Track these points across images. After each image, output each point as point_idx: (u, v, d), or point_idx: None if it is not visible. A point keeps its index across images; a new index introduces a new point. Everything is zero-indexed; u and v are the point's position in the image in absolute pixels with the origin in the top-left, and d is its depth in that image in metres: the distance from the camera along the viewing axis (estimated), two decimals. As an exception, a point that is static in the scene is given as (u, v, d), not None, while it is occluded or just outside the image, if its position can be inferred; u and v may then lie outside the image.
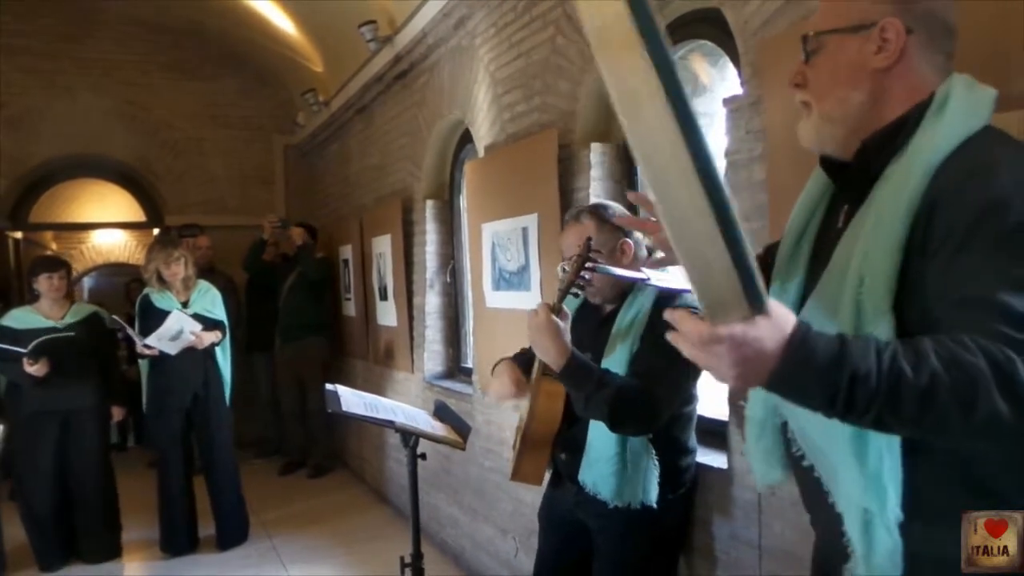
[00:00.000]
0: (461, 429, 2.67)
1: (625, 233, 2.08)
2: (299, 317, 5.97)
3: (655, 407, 1.93)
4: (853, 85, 1.15)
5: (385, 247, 5.04)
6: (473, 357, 4.06)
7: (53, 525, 4.19)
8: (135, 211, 7.49)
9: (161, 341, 4.12)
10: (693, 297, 2.02)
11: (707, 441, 2.29)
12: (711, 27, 2.39)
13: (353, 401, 2.51)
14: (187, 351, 4.20)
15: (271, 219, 6.23)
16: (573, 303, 2.11)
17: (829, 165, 1.25)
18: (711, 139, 0.86)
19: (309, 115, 6.52)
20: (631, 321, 2.04)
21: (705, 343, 0.90)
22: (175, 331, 4.11)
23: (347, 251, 5.89)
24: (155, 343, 4.12)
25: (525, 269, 3.23)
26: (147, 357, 4.24)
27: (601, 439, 2.02)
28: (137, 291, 7.42)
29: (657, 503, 2.02)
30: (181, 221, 6.68)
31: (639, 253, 2.09)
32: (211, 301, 4.40)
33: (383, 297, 5.17)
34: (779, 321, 0.91)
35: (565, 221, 2.17)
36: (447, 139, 4.43)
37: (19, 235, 6.94)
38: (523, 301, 3.24)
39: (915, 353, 0.91)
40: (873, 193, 1.12)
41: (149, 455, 6.53)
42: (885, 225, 1.05)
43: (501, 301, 3.48)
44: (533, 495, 2.84)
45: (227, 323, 4.47)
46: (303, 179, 7.27)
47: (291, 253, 6.12)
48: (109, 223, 8.61)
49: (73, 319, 4.18)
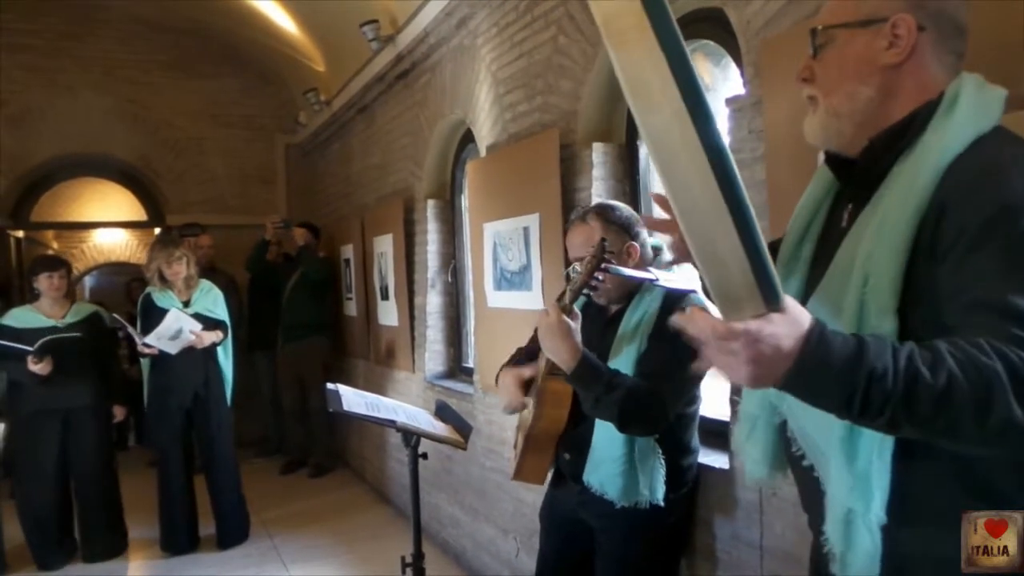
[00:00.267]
0: (462, 429, 2.67)
1: (631, 235, 2.08)
2: (301, 317, 5.97)
3: (664, 408, 1.94)
4: (862, 80, 1.13)
5: (386, 247, 5.04)
6: (474, 357, 4.05)
7: (53, 524, 4.19)
8: (136, 210, 7.49)
9: (160, 340, 4.12)
10: (701, 297, 2.04)
11: (709, 441, 2.29)
12: (714, 27, 2.38)
13: (354, 400, 2.50)
14: (187, 350, 4.20)
15: (273, 219, 6.24)
16: (577, 303, 2.10)
17: (834, 162, 1.24)
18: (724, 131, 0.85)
19: (311, 114, 6.52)
20: (638, 322, 2.04)
21: (720, 339, 0.88)
22: (174, 330, 4.11)
23: (348, 251, 5.89)
24: (154, 342, 4.12)
25: (526, 269, 3.23)
26: (147, 356, 4.24)
27: (607, 439, 2.02)
28: (138, 290, 7.44)
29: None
30: (182, 220, 6.68)
31: (645, 254, 2.09)
32: (213, 301, 4.40)
33: (384, 297, 5.17)
34: (795, 317, 0.89)
35: (570, 221, 2.17)
36: (449, 139, 4.43)
37: (20, 234, 6.95)
38: (524, 301, 3.24)
39: (932, 354, 0.89)
40: (880, 192, 1.11)
41: (150, 454, 6.54)
42: (892, 225, 1.04)
43: (502, 301, 3.48)
44: (534, 495, 2.83)
45: (229, 323, 4.47)
46: (304, 178, 7.28)
47: (293, 253, 6.13)
48: (110, 222, 8.62)
49: (74, 318, 4.17)
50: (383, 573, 3.61)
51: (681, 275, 2.09)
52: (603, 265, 1.87)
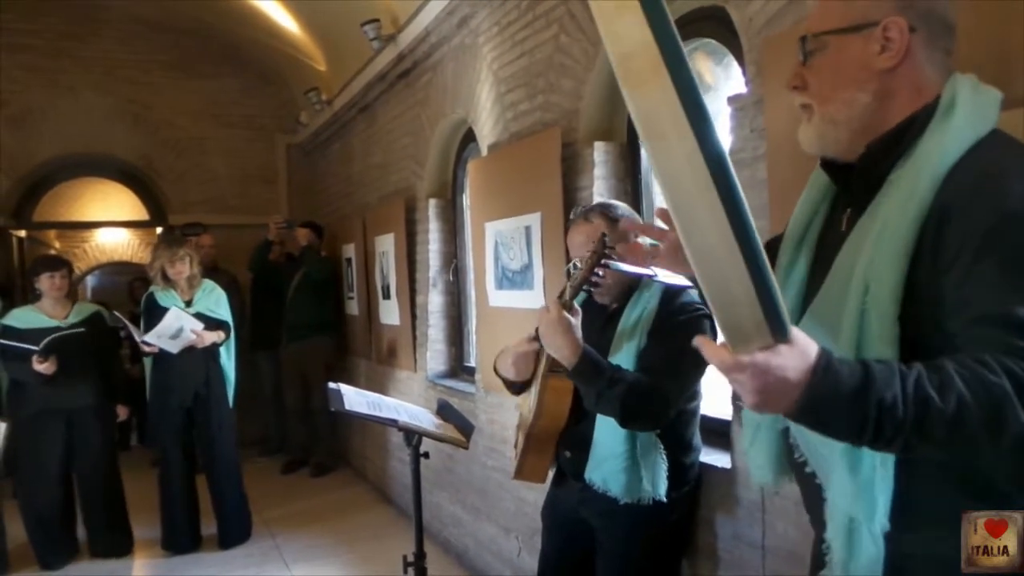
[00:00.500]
0: (464, 428, 2.67)
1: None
2: (304, 316, 5.98)
3: (665, 402, 1.94)
4: (858, 86, 1.12)
5: (388, 246, 5.04)
6: (476, 356, 4.05)
7: (56, 524, 4.20)
8: (138, 210, 7.50)
9: (161, 339, 4.12)
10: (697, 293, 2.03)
11: (711, 441, 2.29)
12: (716, 25, 2.38)
13: (356, 400, 2.50)
14: (188, 350, 4.20)
15: (277, 220, 6.27)
16: (577, 299, 2.10)
17: (831, 168, 1.22)
18: (736, 173, 0.84)
19: (312, 114, 6.52)
20: (637, 318, 2.04)
21: (727, 370, 0.89)
22: (174, 329, 4.10)
23: (350, 250, 5.89)
24: (154, 340, 4.13)
25: (528, 268, 3.22)
26: (148, 354, 4.25)
27: (609, 436, 2.02)
28: (140, 290, 7.46)
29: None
30: (184, 220, 6.70)
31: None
32: (215, 301, 4.40)
33: (386, 296, 5.17)
34: (803, 349, 0.89)
35: (572, 220, 2.16)
36: (450, 138, 4.43)
37: (23, 234, 6.96)
38: (526, 300, 3.24)
39: (939, 376, 0.89)
40: (879, 199, 1.10)
41: (152, 454, 6.54)
42: (892, 232, 1.03)
43: (504, 300, 3.48)
44: (536, 494, 2.83)
45: (232, 323, 4.47)
46: (306, 178, 7.28)
47: (296, 253, 6.14)
48: (112, 222, 8.62)
49: (76, 318, 4.18)
50: (385, 572, 3.61)
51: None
52: (603, 260, 1.87)
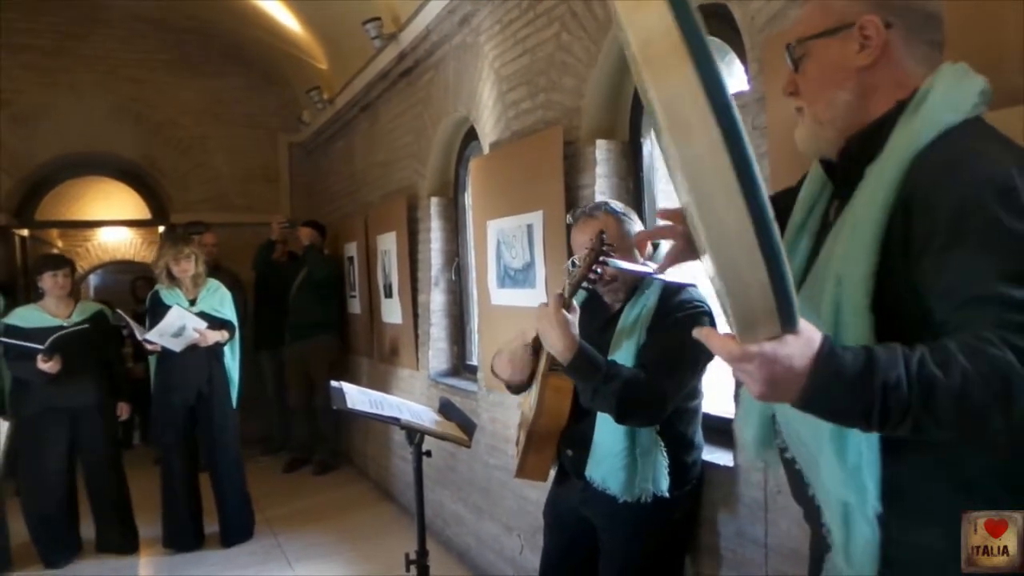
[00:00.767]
0: (466, 426, 2.67)
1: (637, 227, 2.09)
2: (307, 315, 5.99)
3: (662, 399, 1.94)
4: (839, 86, 1.16)
5: (390, 244, 5.04)
6: (478, 355, 4.05)
7: (59, 522, 4.20)
8: (140, 209, 7.51)
9: (163, 337, 4.13)
10: (698, 291, 2.04)
11: (713, 439, 2.29)
12: (718, 23, 2.37)
13: (358, 398, 2.51)
14: (192, 348, 4.20)
15: (279, 220, 6.28)
16: (578, 298, 2.11)
17: (826, 166, 1.26)
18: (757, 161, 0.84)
19: (314, 113, 6.52)
20: (636, 316, 2.04)
21: (735, 360, 0.91)
22: (177, 327, 4.11)
23: (352, 248, 5.89)
24: (156, 338, 4.13)
25: (530, 266, 3.22)
26: (152, 352, 4.25)
27: (609, 434, 2.02)
28: (143, 289, 7.47)
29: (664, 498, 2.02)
30: (186, 219, 6.70)
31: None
32: (219, 300, 4.41)
33: (388, 295, 5.17)
34: (808, 338, 0.90)
35: (577, 218, 2.15)
36: (452, 136, 4.43)
37: (25, 233, 6.96)
38: (528, 298, 3.24)
39: (942, 355, 0.91)
40: (856, 192, 1.13)
41: (155, 452, 6.55)
42: (860, 223, 1.07)
43: (506, 298, 3.48)
44: (538, 492, 2.83)
45: (236, 323, 4.48)
46: (308, 177, 7.28)
47: (299, 252, 6.15)
48: (114, 221, 8.63)
49: (80, 317, 4.18)
50: (387, 571, 3.61)
51: (679, 269, 2.09)
52: (601, 258, 1.87)
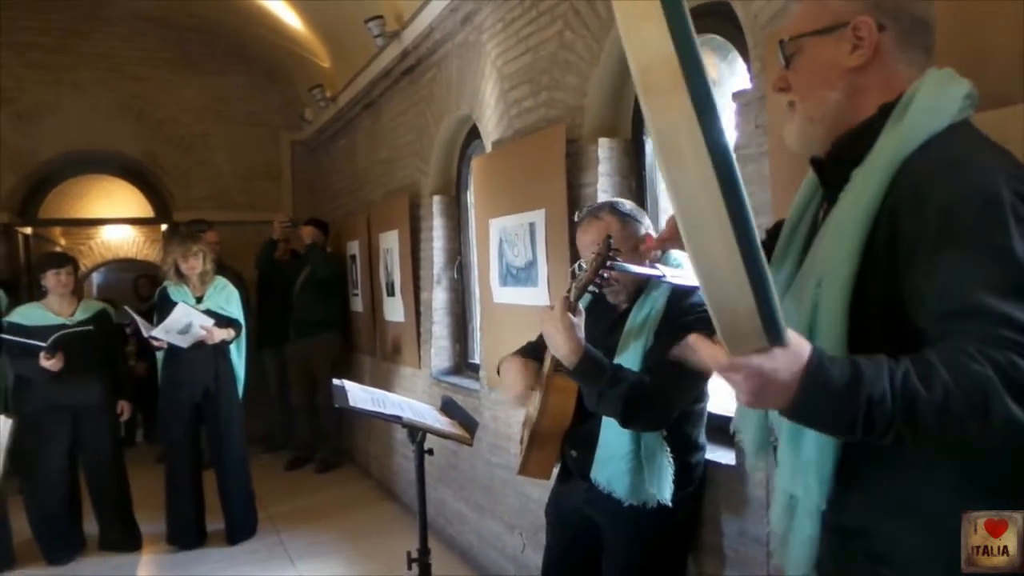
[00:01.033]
0: (468, 425, 2.67)
1: (644, 226, 2.09)
2: (310, 314, 5.99)
3: (667, 403, 1.93)
4: (831, 85, 1.16)
5: (392, 243, 5.04)
6: (480, 353, 4.05)
7: (61, 519, 4.21)
8: (143, 207, 7.51)
9: (169, 333, 4.14)
10: None
11: (715, 438, 2.28)
12: (721, 21, 2.37)
13: (360, 396, 2.51)
14: (198, 345, 4.21)
15: (281, 219, 6.29)
16: (583, 301, 2.10)
17: (816, 164, 1.27)
18: (741, 168, 0.86)
19: (316, 111, 6.52)
20: (644, 319, 2.03)
21: (722, 371, 0.92)
22: (183, 324, 4.12)
23: (354, 247, 5.90)
24: (162, 335, 4.14)
25: (532, 265, 3.22)
26: (158, 349, 4.27)
27: (614, 436, 2.01)
28: (145, 287, 7.49)
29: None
30: (189, 217, 6.71)
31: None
32: (226, 298, 4.42)
33: (390, 293, 5.17)
34: (796, 351, 0.92)
35: (582, 218, 2.14)
36: (454, 135, 4.43)
37: (28, 231, 6.97)
38: (530, 297, 3.24)
39: (925, 369, 0.92)
40: (840, 196, 1.13)
41: (157, 450, 6.56)
42: (843, 227, 1.07)
43: (508, 297, 3.47)
44: (540, 491, 2.83)
45: (243, 321, 4.49)
46: (310, 175, 7.28)
47: (301, 251, 6.15)
48: (117, 219, 8.64)
49: (82, 315, 4.19)
50: (389, 569, 3.62)
51: (687, 272, 2.09)
52: (609, 263, 1.86)
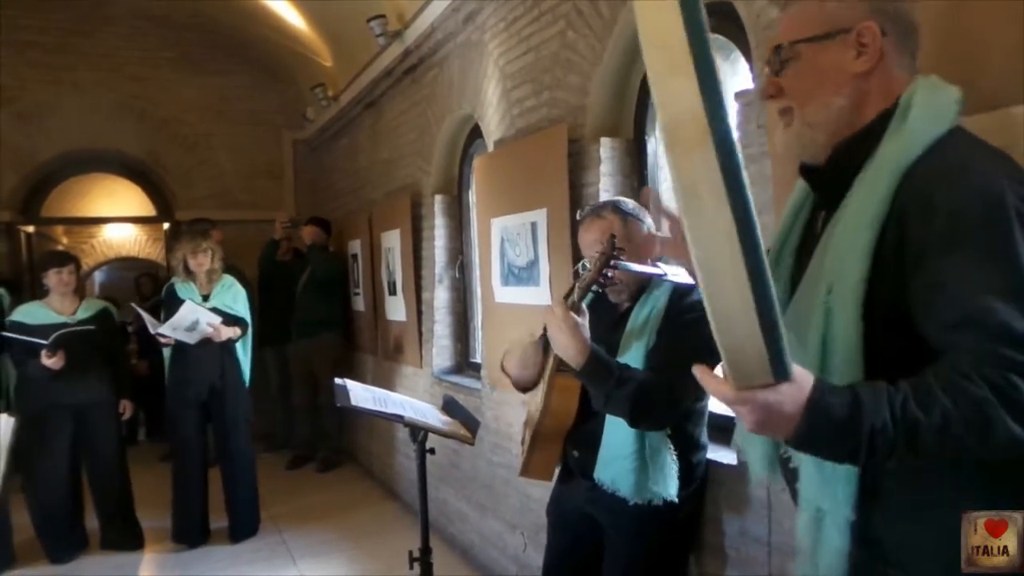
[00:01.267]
0: (470, 424, 2.67)
1: (647, 224, 2.08)
2: (312, 313, 6.00)
3: (675, 401, 1.94)
4: (836, 91, 1.15)
5: (394, 242, 5.04)
6: (482, 352, 4.05)
7: (64, 518, 4.22)
8: (145, 206, 7.52)
9: (176, 331, 4.15)
10: None
11: (717, 437, 2.28)
12: (723, 21, 2.37)
13: (362, 395, 2.51)
14: (204, 343, 4.23)
15: (282, 220, 6.30)
16: (586, 299, 2.10)
17: (807, 173, 1.25)
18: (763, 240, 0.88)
19: (318, 110, 6.52)
20: (646, 318, 2.03)
21: (728, 403, 0.95)
22: (189, 321, 4.13)
23: (356, 246, 5.90)
24: (169, 332, 4.15)
25: (534, 264, 3.22)
26: (165, 346, 4.27)
27: (618, 436, 2.01)
28: (147, 285, 7.50)
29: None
30: (191, 216, 6.70)
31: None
32: (232, 297, 4.44)
33: (392, 292, 5.17)
34: (800, 385, 0.94)
35: (584, 217, 2.14)
36: (456, 134, 4.43)
37: (31, 229, 6.98)
38: (532, 296, 3.24)
39: (924, 393, 0.94)
40: (845, 201, 1.13)
41: (160, 449, 6.57)
42: (852, 233, 1.07)
43: (510, 296, 3.47)
44: (542, 490, 2.83)
45: (249, 320, 4.50)
46: (312, 174, 7.28)
47: (304, 250, 6.16)
48: (119, 217, 8.66)
49: (84, 314, 4.19)
50: (391, 568, 3.62)
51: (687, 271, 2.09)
52: (612, 262, 1.86)
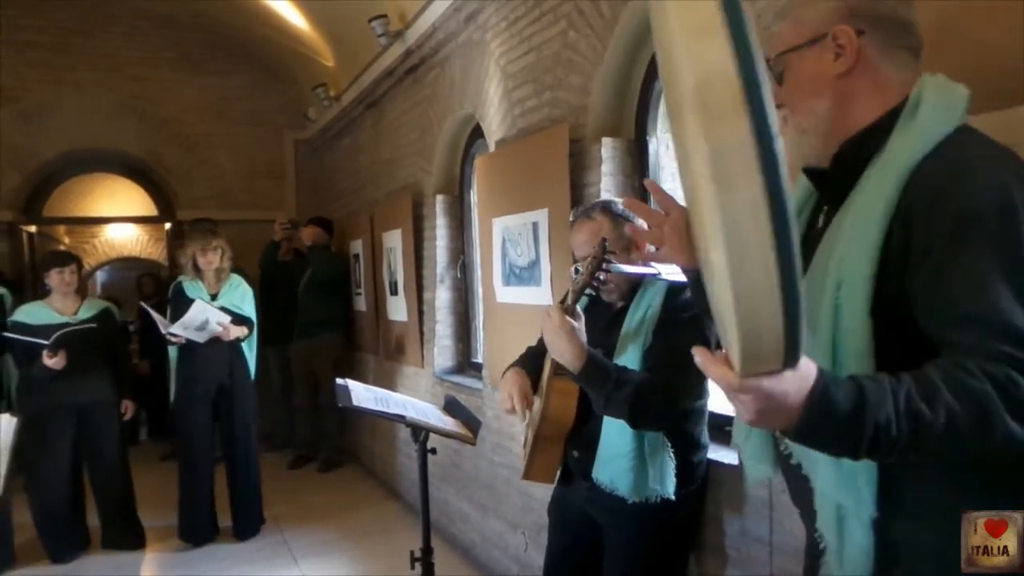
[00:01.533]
0: (471, 424, 2.67)
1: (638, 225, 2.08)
2: (314, 313, 6.01)
3: (673, 401, 1.94)
4: (818, 94, 1.18)
5: (395, 242, 5.04)
6: (483, 352, 4.05)
7: (66, 518, 4.22)
8: (147, 206, 7.53)
9: (187, 330, 4.18)
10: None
11: (718, 437, 2.28)
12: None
13: (364, 395, 2.51)
14: (212, 342, 4.25)
15: (281, 221, 6.31)
16: (581, 302, 2.10)
17: (811, 174, 1.27)
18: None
19: (320, 110, 6.53)
20: (642, 318, 2.03)
21: (731, 391, 0.92)
22: (200, 321, 4.16)
23: (358, 246, 5.90)
24: (180, 332, 4.17)
25: (535, 264, 3.22)
26: (173, 344, 4.29)
27: (616, 436, 2.02)
28: (148, 285, 7.50)
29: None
30: (192, 216, 6.72)
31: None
32: (240, 296, 4.46)
33: (393, 292, 5.17)
34: (804, 373, 0.92)
35: (575, 218, 2.16)
36: (458, 134, 4.43)
37: (32, 229, 6.99)
38: (533, 296, 3.24)
39: (927, 388, 0.93)
40: (851, 197, 1.13)
41: (161, 448, 6.58)
42: (861, 229, 1.07)
43: (511, 296, 3.48)
44: (543, 490, 2.83)
45: (256, 320, 4.51)
46: (314, 174, 7.29)
47: (305, 250, 6.16)
48: (121, 217, 8.67)
49: (86, 314, 4.19)
50: (392, 568, 3.63)
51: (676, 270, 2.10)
52: (604, 265, 1.87)
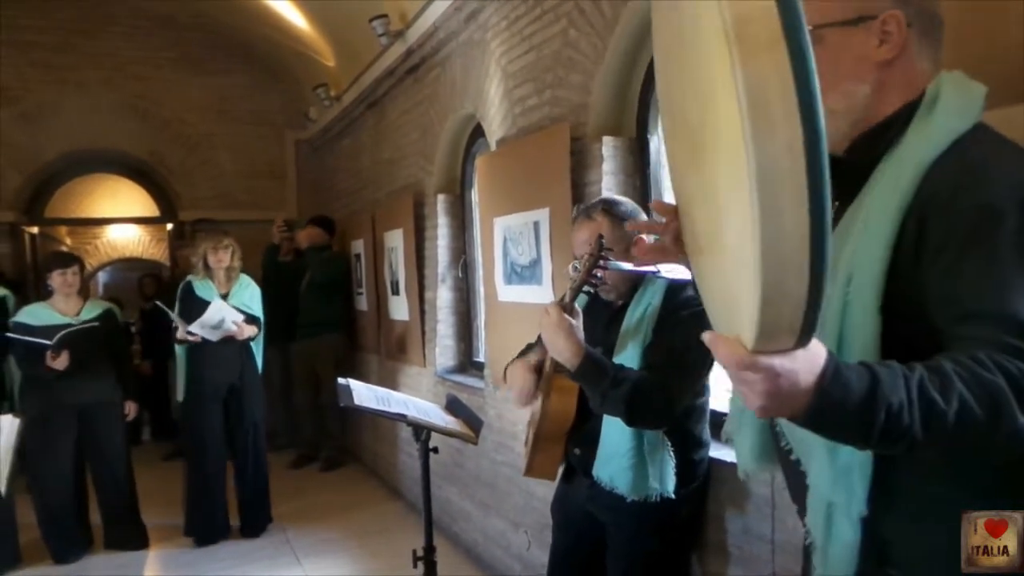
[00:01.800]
0: (473, 423, 2.68)
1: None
2: (314, 314, 6.01)
3: (671, 400, 1.94)
4: (859, 78, 1.12)
5: (397, 241, 5.04)
6: (485, 351, 4.06)
7: (69, 518, 4.23)
8: (148, 206, 7.53)
9: (204, 328, 4.21)
10: None
11: (720, 435, 2.28)
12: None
13: (365, 395, 2.51)
14: (224, 342, 4.27)
15: (279, 223, 6.34)
16: (581, 298, 2.11)
17: None
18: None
19: (320, 110, 6.53)
20: (641, 317, 2.04)
21: (741, 368, 0.87)
22: (217, 319, 4.20)
23: (359, 246, 5.90)
24: (198, 330, 4.20)
25: (537, 263, 3.22)
26: (191, 343, 4.29)
27: (616, 434, 2.02)
28: (150, 286, 7.50)
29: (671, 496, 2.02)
30: (194, 216, 6.72)
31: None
32: (250, 296, 4.48)
33: (395, 292, 5.18)
34: (814, 353, 0.88)
35: (575, 217, 2.16)
36: (459, 133, 4.43)
37: (34, 230, 7.00)
38: (535, 295, 3.24)
39: (940, 377, 0.90)
40: (865, 191, 1.11)
41: (164, 449, 6.58)
42: (874, 224, 1.05)
43: (513, 295, 3.48)
44: (545, 489, 2.84)
45: (263, 320, 4.53)
46: (314, 174, 7.29)
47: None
48: (123, 218, 8.67)
49: (89, 315, 4.20)
50: (394, 567, 3.62)
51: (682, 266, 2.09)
52: (601, 262, 1.87)
